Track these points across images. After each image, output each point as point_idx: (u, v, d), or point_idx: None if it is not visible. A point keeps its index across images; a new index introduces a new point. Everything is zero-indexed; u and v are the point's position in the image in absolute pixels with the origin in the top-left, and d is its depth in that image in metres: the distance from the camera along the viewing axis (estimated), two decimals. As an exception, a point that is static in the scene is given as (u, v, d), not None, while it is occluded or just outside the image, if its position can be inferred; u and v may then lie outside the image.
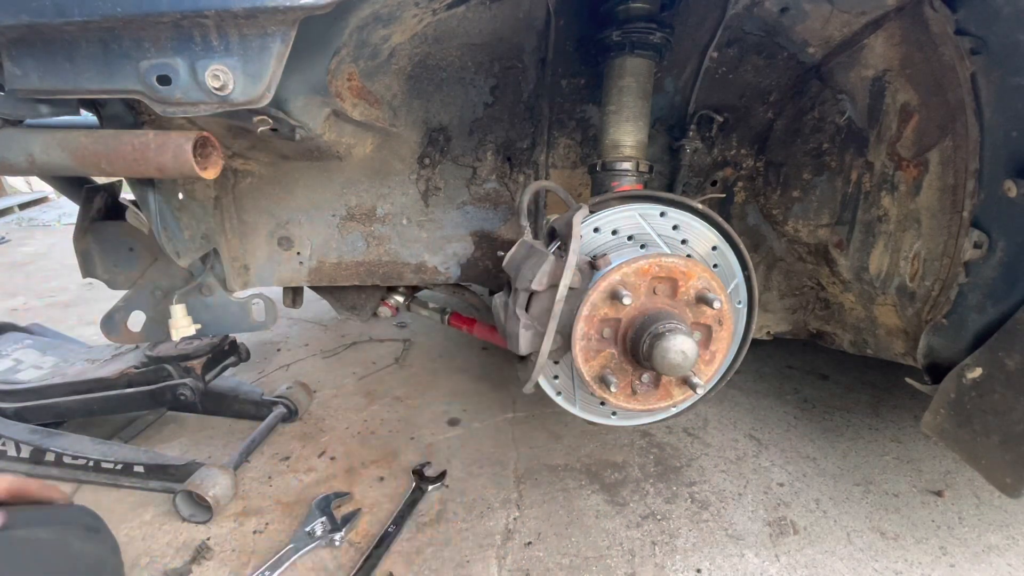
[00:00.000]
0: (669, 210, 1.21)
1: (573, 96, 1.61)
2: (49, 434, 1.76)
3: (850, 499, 1.71)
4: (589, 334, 1.16)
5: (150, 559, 1.44)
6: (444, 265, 1.76)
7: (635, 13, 1.31)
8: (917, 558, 1.49)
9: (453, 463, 1.84)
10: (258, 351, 2.72)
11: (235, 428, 2.02)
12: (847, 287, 1.60)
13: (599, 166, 1.41)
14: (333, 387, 2.36)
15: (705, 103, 1.60)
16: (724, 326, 1.21)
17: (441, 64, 1.50)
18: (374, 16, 1.08)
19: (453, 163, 1.67)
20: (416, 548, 1.48)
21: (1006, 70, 1.04)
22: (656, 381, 1.23)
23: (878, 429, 2.09)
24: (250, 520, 1.58)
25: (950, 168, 1.22)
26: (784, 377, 2.50)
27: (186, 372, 1.88)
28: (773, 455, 1.92)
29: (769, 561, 1.47)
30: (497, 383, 2.41)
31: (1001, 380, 1.10)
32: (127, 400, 1.87)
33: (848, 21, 1.32)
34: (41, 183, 5.91)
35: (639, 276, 1.13)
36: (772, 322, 1.86)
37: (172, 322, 1.58)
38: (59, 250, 5.12)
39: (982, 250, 1.14)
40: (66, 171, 1.08)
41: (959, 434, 1.20)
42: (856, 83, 1.40)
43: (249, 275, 1.72)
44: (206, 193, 1.54)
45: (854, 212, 1.49)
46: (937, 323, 1.26)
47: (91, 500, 1.65)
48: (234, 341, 2.06)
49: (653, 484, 1.75)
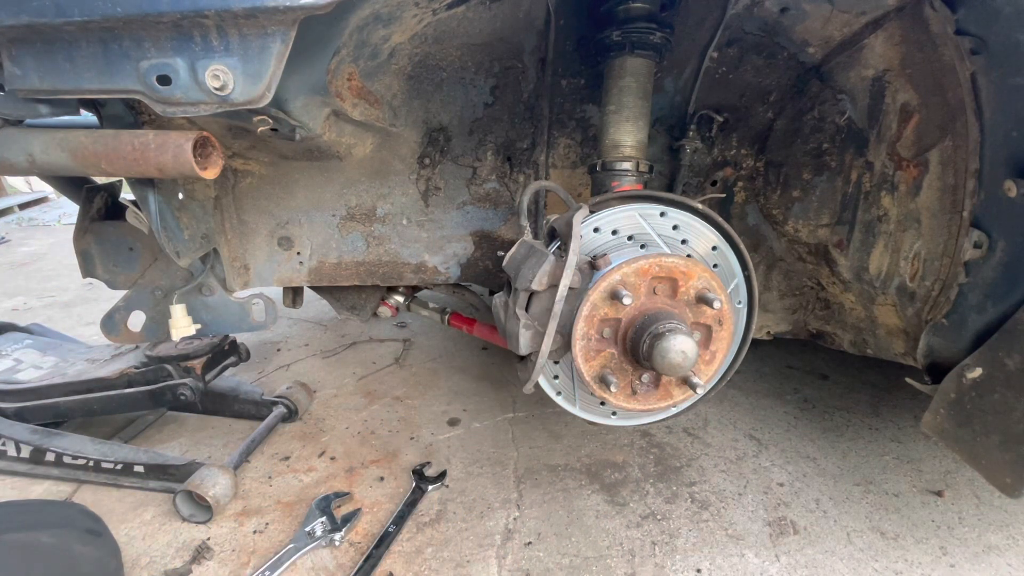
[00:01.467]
0: (669, 210, 1.21)
1: (573, 96, 1.61)
2: (49, 434, 1.77)
3: (850, 499, 1.71)
4: (589, 334, 1.16)
5: (150, 559, 1.44)
6: (444, 265, 1.76)
7: (635, 13, 1.31)
8: (917, 558, 1.49)
9: (453, 463, 1.84)
10: (258, 351, 2.72)
11: (235, 428, 2.02)
12: (847, 287, 1.60)
13: (599, 166, 1.41)
14: (333, 387, 2.36)
15: (705, 103, 1.60)
16: (724, 326, 1.21)
17: (441, 64, 1.50)
18: (374, 16, 1.08)
19: (453, 163, 1.67)
20: (416, 548, 1.48)
21: (1006, 70, 1.04)
22: (656, 381, 1.23)
23: (878, 429, 2.09)
24: (250, 520, 1.58)
25: (950, 168, 1.22)
26: (784, 377, 2.50)
27: (186, 372, 1.88)
28: (773, 455, 1.92)
29: (769, 561, 1.47)
30: (497, 383, 2.41)
31: (1001, 380, 1.10)
32: (127, 400, 1.87)
33: (848, 21, 1.32)
34: (41, 183, 5.92)
35: (639, 276, 1.13)
36: (772, 322, 1.86)
37: (172, 322, 1.58)
38: (59, 250, 5.11)
39: (982, 250, 1.14)
40: (66, 171, 1.08)
41: (959, 434, 1.20)
42: (856, 83, 1.40)
43: (249, 275, 1.72)
44: (206, 193, 1.54)
45: (854, 212, 1.49)
46: (937, 323, 1.26)
47: (91, 500, 1.65)
48: (234, 341, 2.06)
49: (653, 484, 1.75)
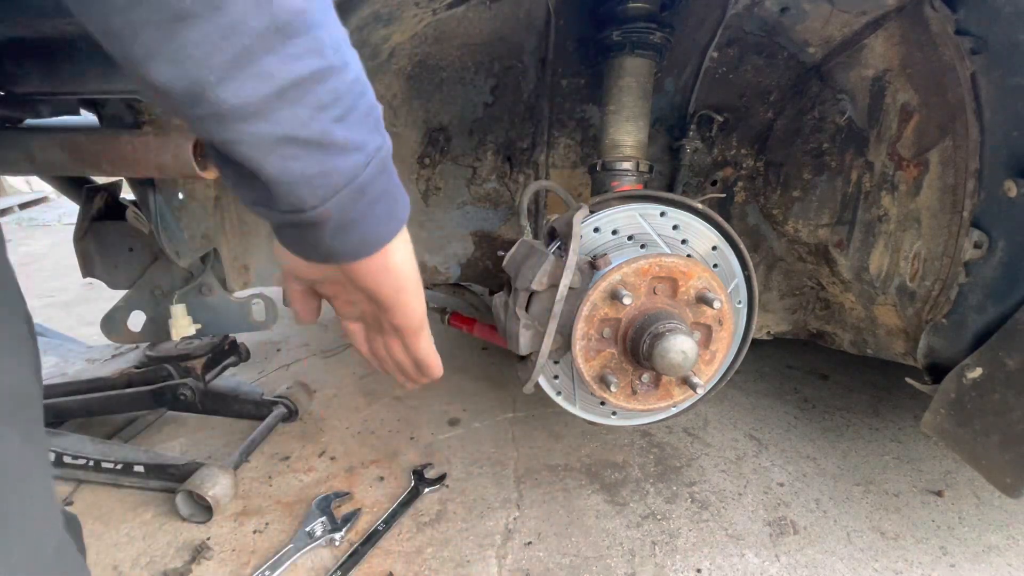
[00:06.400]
0: (669, 210, 1.21)
1: (573, 96, 1.61)
2: (49, 434, 1.76)
3: (850, 499, 1.71)
4: (589, 334, 1.16)
5: (150, 559, 1.44)
6: (444, 265, 1.76)
7: (635, 13, 1.31)
8: (917, 558, 1.49)
9: (453, 463, 1.84)
10: (258, 351, 2.72)
11: (235, 428, 2.01)
12: (847, 287, 1.60)
13: (599, 166, 1.41)
14: (333, 387, 2.36)
15: (705, 103, 1.60)
16: (724, 326, 1.21)
17: (441, 64, 1.50)
18: (374, 16, 1.08)
19: (453, 163, 1.67)
20: (416, 548, 1.48)
21: (1006, 70, 1.04)
22: (656, 381, 1.23)
23: (878, 429, 2.09)
24: (250, 520, 1.58)
25: (950, 168, 1.22)
26: (784, 377, 2.50)
27: (186, 372, 1.87)
28: (773, 455, 1.92)
29: (769, 561, 1.47)
30: (497, 383, 2.41)
31: (1001, 380, 1.10)
32: (127, 400, 1.87)
33: (848, 21, 1.32)
34: (41, 183, 5.91)
35: (639, 276, 1.13)
36: (772, 322, 1.86)
37: (172, 322, 1.58)
38: (59, 250, 5.11)
39: (982, 250, 1.14)
40: (66, 171, 1.08)
41: (959, 434, 1.20)
42: (856, 83, 1.40)
43: (249, 275, 1.72)
44: (206, 193, 1.54)
45: (854, 212, 1.49)
46: (937, 323, 1.26)
47: (91, 500, 1.65)
48: (234, 341, 2.05)
49: (653, 484, 1.75)
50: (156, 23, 0.37)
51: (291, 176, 0.45)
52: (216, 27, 0.38)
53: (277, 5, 0.39)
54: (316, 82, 0.42)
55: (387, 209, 0.54)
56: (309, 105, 0.43)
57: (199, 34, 0.38)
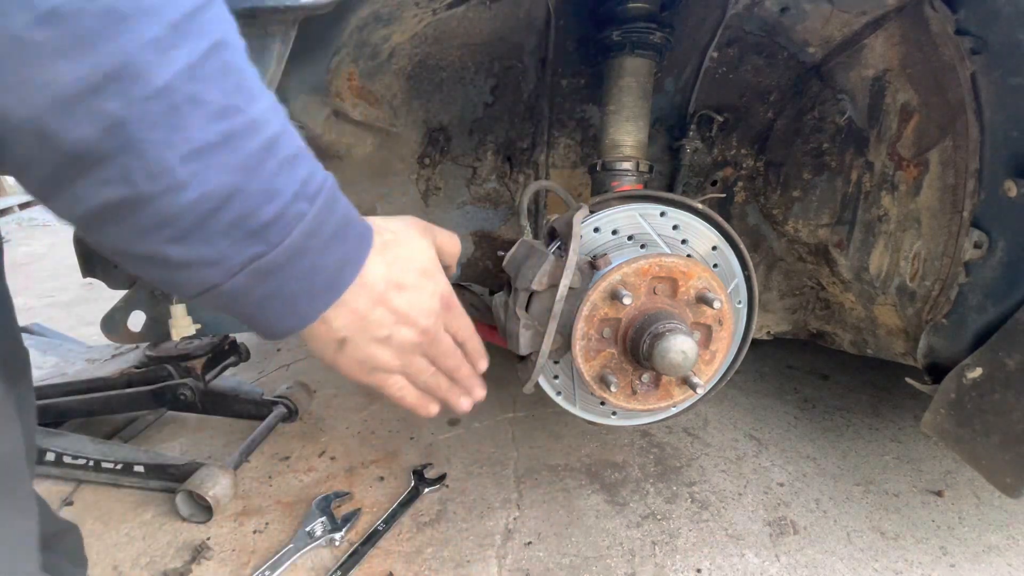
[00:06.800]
0: (669, 210, 1.21)
1: (573, 96, 1.61)
2: (49, 434, 1.76)
3: (850, 499, 1.71)
4: (589, 334, 1.16)
5: (150, 559, 1.44)
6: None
7: (635, 13, 1.31)
8: (917, 558, 1.49)
9: (453, 463, 1.84)
10: (258, 351, 2.72)
11: (235, 428, 2.01)
12: (847, 287, 1.60)
13: (599, 166, 1.40)
14: (333, 387, 2.36)
15: (705, 103, 1.60)
16: (724, 326, 1.21)
17: (441, 64, 1.50)
18: (374, 16, 1.08)
19: (453, 163, 1.67)
20: (416, 548, 1.48)
21: (1006, 70, 1.04)
22: (656, 381, 1.23)
23: (878, 429, 2.09)
24: (250, 520, 1.58)
25: (950, 168, 1.22)
26: (784, 377, 2.50)
27: (186, 372, 1.87)
28: (773, 455, 1.92)
29: (769, 561, 1.47)
30: (497, 383, 2.40)
31: (1001, 380, 1.10)
32: (127, 400, 1.87)
33: (848, 21, 1.32)
34: (41, 183, 5.88)
35: (639, 276, 1.13)
36: (772, 322, 1.86)
37: (172, 322, 1.58)
38: (59, 250, 5.11)
39: (982, 250, 1.14)
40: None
41: (959, 434, 1.20)
42: (856, 83, 1.40)
43: (249, 275, 1.72)
44: (206, 193, 1.54)
45: (854, 212, 1.49)
46: (937, 323, 1.26)
47: (91, 500, 1.65)
48: (234, 341, 2.05)
49: (653, 484, 1.75)
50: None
51: (150, 278, 0.48)
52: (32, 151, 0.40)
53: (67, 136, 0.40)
54: (129, 209, 0.42)
55: (286, 305, 0.52)
56: (131, 227, 0.43)
57: (24, 156, 0.40)
